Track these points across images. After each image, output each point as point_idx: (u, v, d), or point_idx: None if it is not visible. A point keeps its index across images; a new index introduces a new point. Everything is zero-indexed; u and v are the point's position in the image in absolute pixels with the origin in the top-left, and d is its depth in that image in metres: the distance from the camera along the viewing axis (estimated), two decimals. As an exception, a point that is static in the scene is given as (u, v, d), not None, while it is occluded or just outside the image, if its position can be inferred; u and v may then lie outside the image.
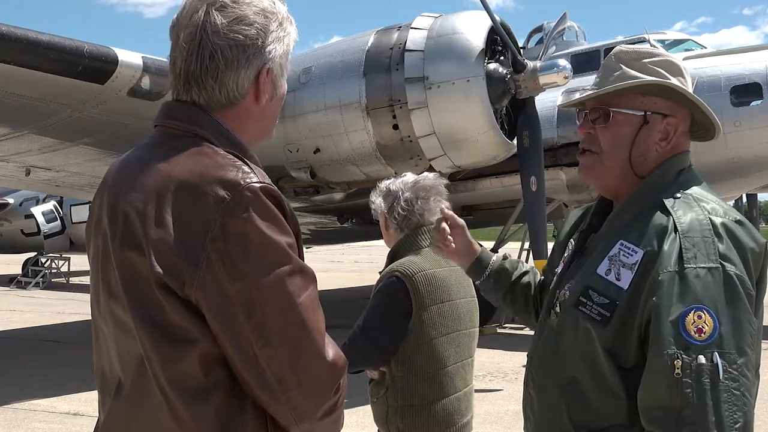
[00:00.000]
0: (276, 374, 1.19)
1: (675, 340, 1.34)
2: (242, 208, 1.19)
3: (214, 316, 1.18)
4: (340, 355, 1.26)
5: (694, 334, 1.33)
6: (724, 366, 1.31)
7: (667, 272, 1.38)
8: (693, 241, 1.39)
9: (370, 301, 2.51)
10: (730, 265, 1.36)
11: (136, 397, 1.24)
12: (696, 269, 1.36)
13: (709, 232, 1.39)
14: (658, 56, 1.59)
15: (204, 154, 1.25)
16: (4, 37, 6.06)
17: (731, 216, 1.43)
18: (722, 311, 1.34)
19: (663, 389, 1.34)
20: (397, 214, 2.57)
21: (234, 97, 1.32)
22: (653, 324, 1.39)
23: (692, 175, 1.57)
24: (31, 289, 17.57)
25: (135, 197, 1.25)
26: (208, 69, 1.30)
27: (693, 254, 1.38)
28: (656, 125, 1.56)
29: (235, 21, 1.30)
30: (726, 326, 1.33)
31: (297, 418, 1.22)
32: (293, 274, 1.21)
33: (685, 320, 1.34)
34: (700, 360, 1.31)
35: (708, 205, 1.45)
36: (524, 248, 10.51)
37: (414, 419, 2.46)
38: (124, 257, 1.23)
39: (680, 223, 1.42)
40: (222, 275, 1.17)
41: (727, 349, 1.32)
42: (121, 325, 1.26)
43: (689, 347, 1.33)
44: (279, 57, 1.34)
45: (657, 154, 1.56)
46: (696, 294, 1.35)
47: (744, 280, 1.36)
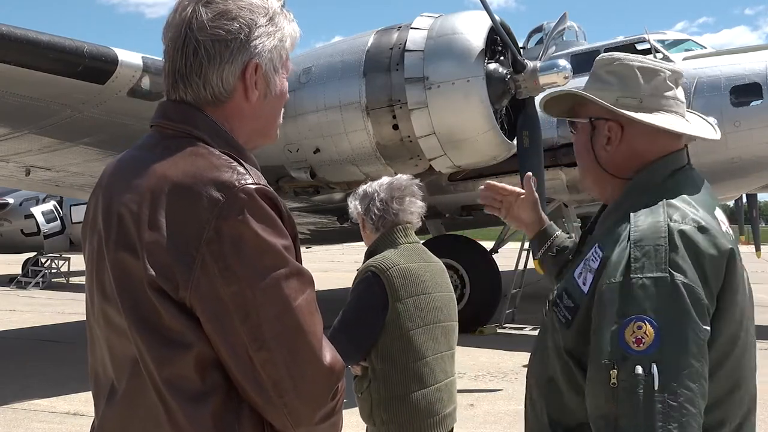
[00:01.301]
0: (272, 378, 1.17)
1: (613, 349, 1.34)
2: (237, 210, 1.17)
3: (209, 320, 1.17)
4: (338, 359, 1.25)
5: (633, 344, 1.32)
6: (662, 377, 1.29)
7: (611, 282, 1.39)
8: (643, 250, 1.38)
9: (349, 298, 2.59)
10: (679, 275, 1.34)
11: (130, 401, 1.23)
12: (642, 279, 1.35)
13: (663, 240, 1.38)
14: (615, 61, 1.62)
15: (199, 154, 1.24)
16: (4, 37, 6.06)
17: (693, 222, 1.41)
18: (665, 322, 1.32)
19: (601, 398, 1.35)
20: (373, 214, 2.71)
21: (220, 94, 1.30)
22: (593, 332, 1.40)
23: (682, 176, 1.56)
24: (31, 289, 17.56)
25: (129, 198, 1.23)
26: (192, 65, 1.28)
27: (641, 264, 1.37)
28: (601, 130, 1.61)
29: (218, 16, 1.28)
30: (667, 337, 1.31)
31: (293, 422, 1.21)
32: (289, 277, 1.19)
33: (624, 330, 1.34)
34: (637, 371, 1.30)
35: (675, 212, 1.43)
36: (524, 248, 10.49)
37: (396, 410, 2.55)
38: (118, 259, 1.22)
39: (634, 231, 1.42)
40: (216, 278, 1.16)
41: (667, 360, 1.30)
42: (114, 327, 1.24)
43: (627, 357, 1.32)
44: (268, 52, 1.31)
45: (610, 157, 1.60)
46: (638, 304, 1.34)
47: (693, 290, 1.34)
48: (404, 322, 2.54)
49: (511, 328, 10.03)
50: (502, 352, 8.28)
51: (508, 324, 10.15)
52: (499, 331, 9.72)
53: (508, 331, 9.87)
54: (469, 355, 8.17)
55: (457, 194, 10.51)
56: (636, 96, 1.58)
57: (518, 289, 10.65)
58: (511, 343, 8.81)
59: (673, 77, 1.61)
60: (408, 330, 2.55)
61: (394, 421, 2.56)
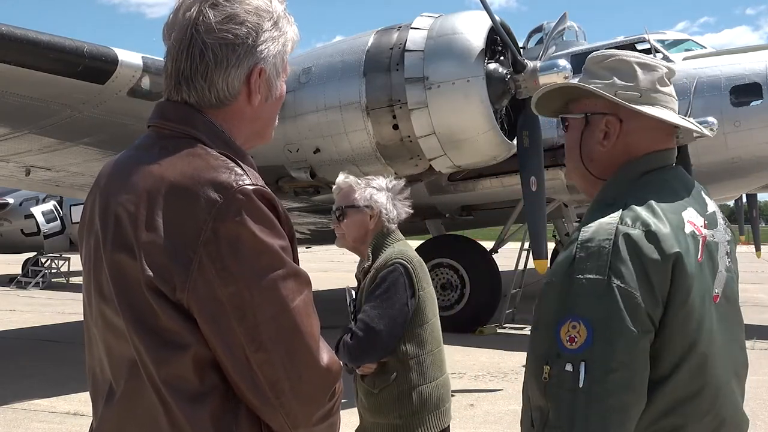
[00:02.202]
0: (269, 379, 1.17)
1: (548, 346, 1.39)
2: (234, 211, 1.17)
3: (206, 321, 1.17)
4: (335, 360, 1.24)
5: (567, 343, 1.36)
6: (588, 376, 1.33)
7: (553, 281, 1.42)
8: (588, 251, 1.40)
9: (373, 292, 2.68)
10: (616, 279, 1.36)
11: (129, 401, 1.22)
12: (582, 279, 1.38)
13: (607, 243, 1.39)
14: (610, 57, 1.62)
15: (196, 155, 1.24)
16: (4, 37, 6.05)
17: (642, 226, 1.41)
18: (598, 323, 1.35)
19: (536, 392, 1.40)
20: (387, 209, 2.83)
21: (225, 97, 1.30)
22: (533, 327, 1.45)
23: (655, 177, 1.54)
24: (31, 289, 17.56)
25: (126, 199, 1.23)
26: (198, 68, 1.28)
27: (584, 265, 1.39)
28: (598, 125, 1.59)
29: (227, 19, 1.27)
30: (599, 338, 1.34)
31: (291, 423, 1.20)
32: (287, 278, 1.19)
33: (560, 328, 1.37)
34: (567, 368, 1.35)
35: (629, 215, 1.43)
36: (524, 248, 10.49)
37: (428, 397, 2.69)
38: (115, 260, 1.22)
39: (584, 232, 1.44)
40: (214, 279, 1.16)
41: (597, 361, 1.33)
42: (111, 327, 1.24)
43: (560, 355, 1.36)
44: (273, 57, 1.32)
45: (606, 153, 1.58)
46: (575, 304, 1.37)
47: (629, 294, 1.35)
48: (427, 310, 2.74)
49: (511, 328, 10.03)
50: (502, 352, 8.28)
51: (508, 324, 10.15)
52: (499, 331, 9.72)
53: (508, 331, 9.87)
54: (469, 355, 8.18)
55: (457, 194, 10.52)
56: (635, 90, 1.56)
57: (518, 289, 10.65)
58: (511, 343, 8.81)
59: (669, 74, 1.60)
60: (430, 318, 2.76)
61: (427, 407, 2.68)
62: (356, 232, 2.84)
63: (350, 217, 2.82)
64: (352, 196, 2.83)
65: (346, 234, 2.84)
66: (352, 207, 2.81)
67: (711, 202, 1.59)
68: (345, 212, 2.83)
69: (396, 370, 2.67)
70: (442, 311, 10.75)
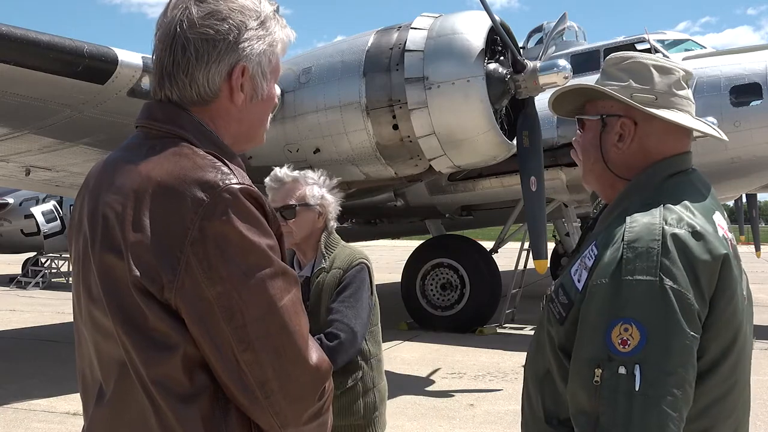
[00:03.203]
0: (257, 379, 1.17)
1: (598, 349, 1.36)
2: (221, 210, 1.16)
3: (194, 321, 1.16)
4: (324, 359, 1.24)
5: (618, 345, 1.34)
6: (644, 380, 1.31)
7: (601, 282, 1.39)
8: (636, 252, 1.38)
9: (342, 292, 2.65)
10: (669, 280, 1.34)
11: (119, 402, 1.22)
12: (632, 281, 1.36)
13: (656, 243, 1.38)
14: (627, 59, 1.61)
15: (183, 155, 1.23)
16: (4, 37, 6.05)
17: (687, 227, 1.40)
18: (651, 326, 1.33)
19: (584, 396, 1.37)
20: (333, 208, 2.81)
21: (206, 94, 1.30)
22: (579, 330, 1.42)
23: (681, 180, 1.55)
24: (31, 289, 17.56)
25: (114, 199, 1.23)
26: (180, 63, 1.28)
27: (633, 266, 1.37)
28: (613, 127, 1.59)
29: (209, 15, 1.27)
30: (653, 341, 1.32)
31: (280, 423, 1.20)
32: (274, 277, 1.19)
33: (611, 331, 1.35)
34: (620, 371, 1.32)
35: (671, 215, 1.43)
36: (524, 248, 10.49)
37: (384, 393, 2.78)
38: (104, 260, 1.21)
39: (629, 232, 1.42)
40: (201, 279, 1.15)
41: (651, 363, 1.31)
42: (100, 328, 1.24)
43: (612, 358, 1.34)
44: (257, 56, 1.31)
45: (621, 155, 1.58)
46: (626, 306, 1.35)
47: (682, 296, 1.34)
48: (376, 310, 2.82)
49: (511, 328, 10.03)
50: (502, 352, 8.28)
51: (508, 324, 10.16)
52: (499, 331, 9.72)
53: (508, 331, 9.87)
54: (469, 355, 8.18)
55: (457, 194, 10.51)
56: (651, 93, 1.56)
57: (518, 289, 10.66)
58: (511, 343, 8.82)
59: (686, 77, 1.60)
60: (377, 319, 2.85)
61: (384, 403, 2.74)
62: (306, 230, 2.74)
63: (301, 215, 2.70)
64: (301, 193, 2.72)
65: (294, 232, 2.71)
66: (305, 205, 2.71)
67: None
68: (296, 210, 2.71)
69: (359, 369, 2.67)
70: (443, 311, 10.78)
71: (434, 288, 10.05)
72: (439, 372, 7.26)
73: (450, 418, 5.63)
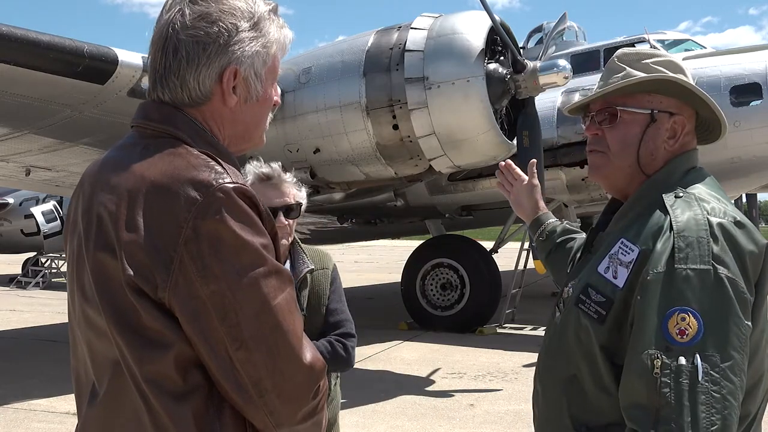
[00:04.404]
0: (251, 378, 1.17)
1: (656, 340, 1.35)
2: (215, 209, 1.17)
3: (188, 320, 1.16)
4: (318, 357, 1.24)
5: (676, 335, 1.33)
6: (705, 368, 1.30)
7: (656, 272, 1.38)
8: (687, 241, 1.38)
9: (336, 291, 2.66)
10: (722, 268, 1.35)
11: (112, 401, 1.22)
12: (686, 270, 1.35)
13: (705, 233, 1.38)
14: (660, 56, 1.61)
15: (177, 154, 1.23)
16: (4, 37, 6.06)
17: (730, 217, 1.41)
18: (708, 314, 1.33)
19: (642, 388, 1.35)
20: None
21: (197, 96, 1.30)
22: (636, 323, 1.40)
23: (699, 174, 1.56)
24: (31, 289, 17.55)
25: (108, 199, 1.23)
26: (171, 65, 1.28)
27: (685, 254, 1.37)
28: (664, 123, 1.57)
29: (200, 17, 1.27)
30: (711, 330, 1.32)
31: (274, 422, 1.20)
32: (268, 276, 1.19)
33: (668, 321, 1.34)
34: (680, 361, 1.31)
35: (708, 205, 1.44)
36: (524, 248, 10.49)
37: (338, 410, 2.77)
38: (98, 260, 1.22)
39: (676, 222, 1.41)
40: (195, 278, 1.15)
41: (710, 352, 1.31)
42: (94, 328, 1.24)
43: (670, 348, 1.33)
44: (249, 58, 1.30)
45: (665, 152, 1.57)
46: (682, 295, 1.34)
47: (736, 284, 1.35)
48: None
49: (511, 328, 10.03)
50: (502, 352, 8.28)
51: (508, 324, 10.15)
52: (499, 331, 9.71)
53: (508, 331, 9.86)
54: (469, 355, 8.18)
55: (457, 194, 10.51)
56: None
57: (518, 289, 10.65)
58: (511, 343, 8.81)
59: None
60: None
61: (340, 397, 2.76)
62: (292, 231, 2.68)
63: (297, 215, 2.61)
64: (295, 192, 2.61)
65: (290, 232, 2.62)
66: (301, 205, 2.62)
67: None
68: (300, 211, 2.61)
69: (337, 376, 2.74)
70: (443, 311, 10.78)
71: (434, 288, 10.06)
72: (439, 372, 7.26)
73: (450, 418, 5.63)
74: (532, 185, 2.12)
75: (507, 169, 2.18)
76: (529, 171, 2.13)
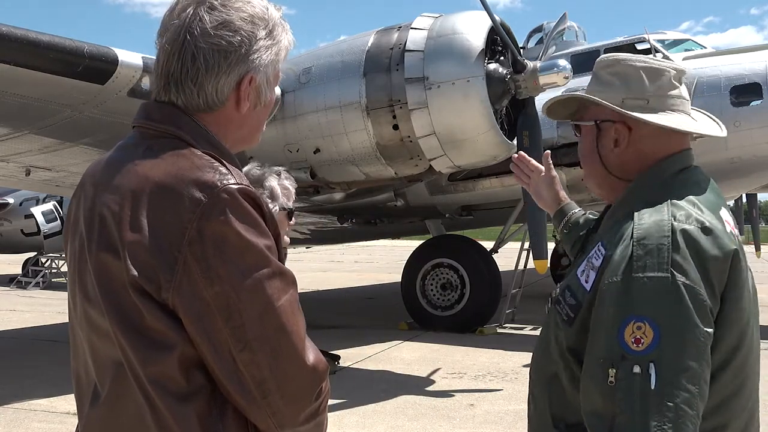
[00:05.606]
0: (255, 379, 1.17)
1: (612, 348, 1.35)
2: (219, 211, 1.17)
3: (192, 321, 1.16)
4: (321, 359, 1.25)
5: (632, 344, 1.33)
6: (659, 378, 1.29)
7: (612, 280, 1.39)
8: (646, 249, 1.37)
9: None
10: (680, 275, 1.34)
11: (115, 402, 1.22)
12: (643, 278, 1.35)
13: (666, 239, 1.37)
14: (617, 63, 1.61)
15: (181, 155, 1.23)
16: (4, 37, 6.05)
17: (697, 222, 1.40)
18: (665, 323, 1.32)
19: (597, 396, 1.36)
20: None
21: (213, 103, 1.30)
22: (592, 329, 1.41)
23: (687, 177, 1.55)
24: (31, 289, 17.55)
25: (111, 199, 1.23)
26: (189, 71, 1.28)
27: (643, 262, 1.36)
28: (608, 132, 1.60)
29: (221, 25, 1.27)
30: (667, 338, 1.31)
31: (277, 423, 1.20)
32: (272, 277, 1.19)
33: (624, 330, 1.34)
34: (635, 370, 1.31)
35: (679, 212, 1.42)
36: (524, 248, 10.49)
37: None
38: (100, 260, 1.22)
39: (638, 229, 1.41)
40: (199, 279, 1.15)
41: (666, 361, 1.30)
42: (96, 329, 1.24)
43: (625, 357, 1.33)
44: (265, 66, 1.32)
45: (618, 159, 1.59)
46: (639, 304, 1.34)
47: (695, 291, 1.33)
48: None
49: (511, 328, 10.03)
50: (502, 352, 8.28)
51: (508, 324, 10.15)
52: (499, 331, 9.71)
53: (508, 331, 9.87)
54: (469, 355, 8.18)
55: (457, 194, 10.51)
56: (642, 97, 1.56)
57: (518, 289, 10.65)
58: (511, 343, 8.82)
59: (678, 75, 1.60)
60: None
61: None
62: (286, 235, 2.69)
63: None
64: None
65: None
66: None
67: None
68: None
69: None
70: (443, 311, 10.79)
71: (434, 288, 10.06)
72: (439, 372, 7.26)
73: (450, 418, 5.63)
74: (551, 176, 2.14)
75: (521, 160, 2.20)
76: (544, 163, 2.15)
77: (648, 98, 1.56)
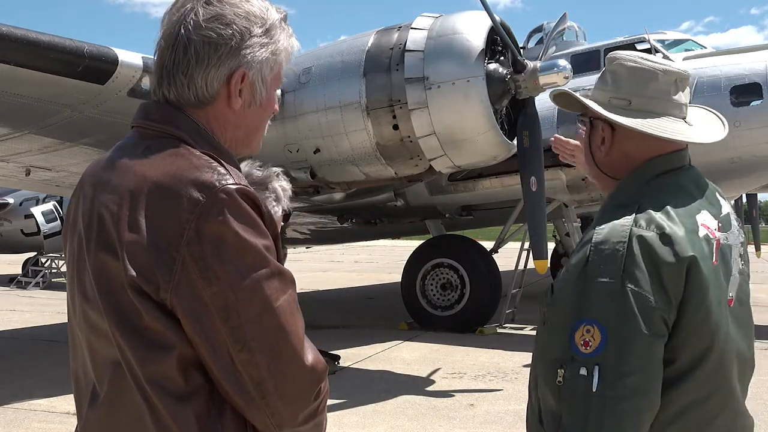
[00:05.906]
0: (253, 379, 1.17)
1: (563, 349, 1.39)
2: (217, 211, 1.17)
3: (190, 321, 1.16)
4: (320, 359, 1.25)
5: (581, 346, 1.37)
6: (601, 380, 1.33)
7: (567, 283, 1.42)
8: (602, 254, 1.40)
9: None
10: (630, 282, 1.36)
11: (113, 402, 1.22)
12: (597, 282, 1.38)
13: (622, 245, 1.39)
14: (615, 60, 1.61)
15: (179, 155, 1.23)
16: (4, 37, 6.05)
17: (656, 229, 1.40)
18: (611, 327, 1.35)
19: (549, 395, 1.41)
20: None
21: (203, 96, 1.30)
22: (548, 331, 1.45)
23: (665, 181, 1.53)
24: (31, 289, 17.55)
25: (109, 199, 1.23)
26: (180, 63, 1.28)
27: (596, 267, 1.39)
28: (598, 130, 1.61)
29: (213, 18, 1.28)
30: (612, 342, 1.35)
31: (276, 423, 1.20)
32: (270, 278, 1.19)
33: (575, 332, 1.38)
34: (581, 371, 1.35)
35: (642, 216, 1.43)
36: (524, 248, 10.49)
37: None
38: (99, 260, 1.22)
39: (597, 234, 1.43)
40: (197, 279, 1.15)
41: (610, 364, 1.34)
42: (94, 329, 1.24)
43: (574, 359, 1.37)
44: (259, 63, 1.31)
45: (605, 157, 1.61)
46: (590, 308, 1.38)
47: (643, 298, 1.35)
48: None
49: (511, 328, 10.03)
50: (502, 352, 8.28)
51: (508, 324, 10.15)
52: (499, 331, 9.72)
53: (508, 331, 9.87)
54: (469, 355, 8.18)
55: (457, 194, 10.51)
56: (624, 97, 1.56)
57: (518, 289, 10.66)
58: (511, 343, 8.82)
59: (671, 77, 1.55)
60: None
61: None
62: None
63: None
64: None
65: None
66: None
67: (725, 203, 1.57)
68: None
69: None
70: (443, 311, 10.80)
71: (434, 288, 10.06)
72: (439, 372, 7.26)
73: (450, 418, 5.63)
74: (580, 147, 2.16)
75: (559, 143, 2.26)
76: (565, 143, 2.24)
77: (630, 99, 1.55)
